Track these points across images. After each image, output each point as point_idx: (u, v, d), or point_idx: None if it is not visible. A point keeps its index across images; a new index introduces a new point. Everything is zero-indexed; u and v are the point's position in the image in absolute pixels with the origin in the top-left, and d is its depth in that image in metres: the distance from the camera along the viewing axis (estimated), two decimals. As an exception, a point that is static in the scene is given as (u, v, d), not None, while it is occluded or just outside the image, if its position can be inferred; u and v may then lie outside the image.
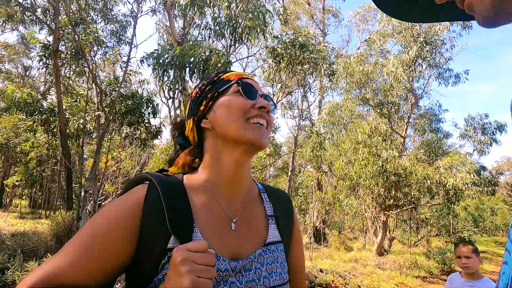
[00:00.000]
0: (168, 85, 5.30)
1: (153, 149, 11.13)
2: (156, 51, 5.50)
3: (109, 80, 8.83)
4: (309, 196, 15.58)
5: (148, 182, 0.70)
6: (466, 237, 18.43)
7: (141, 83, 11.38)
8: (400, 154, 11.90)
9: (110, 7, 8.68)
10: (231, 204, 0.74)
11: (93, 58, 8.23)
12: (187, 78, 5.48)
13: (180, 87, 5.42)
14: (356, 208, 14.14)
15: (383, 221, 11.84)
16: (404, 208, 12.29)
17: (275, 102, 0.89)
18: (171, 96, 5.37)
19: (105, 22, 8.94)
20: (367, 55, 12.96)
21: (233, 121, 0.70)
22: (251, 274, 0.68)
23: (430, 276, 10.59)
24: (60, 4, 6.99)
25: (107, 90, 8.10)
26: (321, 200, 14.39)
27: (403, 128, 13.26)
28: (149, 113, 8.38)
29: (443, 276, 11.12)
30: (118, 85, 7.79)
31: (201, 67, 4.67)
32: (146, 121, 8.45)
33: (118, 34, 9.31)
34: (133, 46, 8.39)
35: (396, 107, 12.88)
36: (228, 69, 0.83)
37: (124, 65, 8.35)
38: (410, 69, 11.51)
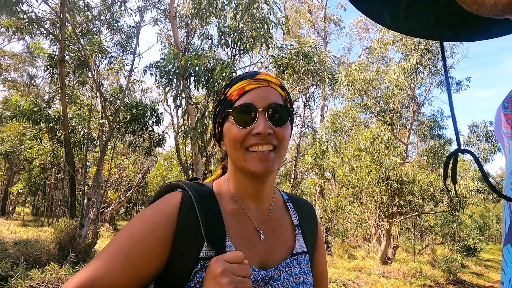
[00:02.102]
0: (172, 94, 5.37)
1: (156, 157, 11.18)
2: (162, 61, 5.58)
3: (113, 89, 8.93)
4: (311, 204, 15.50)
5: (180, 190, 0.71)
6: (471, 245, 18.20)
7: (144, 92, 11.51)
8: (403, 161, 11.86)
9: (117, 18, 8.86)
10: (258, 214, 0.75)
11: (97, 68, 8.36)
12: (192, 87, 5.55)
13: (185, 96, 5.49)
14: (359, 215, 14.03)
15: (386, 229, 11.74)
16: (407, 216, 12.19)
17: (290, 107, 0.72)
18: (177, 104, 5.44)
19: (111, 33, 9.12)
20: (368, 62, 13.05)
21: (235, 152, 0.69)
22: (280, 284, 0.69)
23: (436, 285, 10.44)
24: (66, 15, 7.14)
25: (111, 98, 8.21)
26: (324, 208, 14.31)
27: (406, 135, 13.25)
28: (153, 122, 8.47)
29: (448, 285, 10.95)
30: (122, 94, 7.89)
31: (206, 77, 4.74)
32: (150, 129, 8.54)
33: (123, 44, 9.49)
34: (136, 55, 8.53)
35: (398, 114, 12.90)
36: (235, 76, 0.79)
37: (128, 74, 8.47)
38: (412, 77, 11.56)
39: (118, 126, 8.32)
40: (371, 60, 13.31)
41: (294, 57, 5.99)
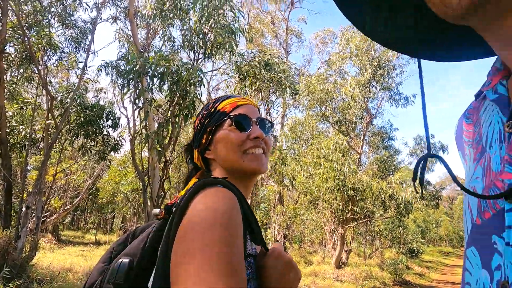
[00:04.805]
0: (131, 95, 5.10)
1: (110, 162, 10.49)
2: (121, 60, 5.29)
3: (64, 86, 8.24)
4: (270, 210, 15.66)
5: (220, 186, 0.65)
6: (415, 248, 19.74)
7: (98, 92, 10.79)
8: (357, 169, 12.55)
9: (70, 11, 8.22)
10: None
11: (46, 63, 7.66)
12: (154, 89, 5.33)
13: (148, 98, 5.24)
14: (316, 221, 14.49)
15: (341, 234, 12.26)
16: (360, 221, 12.87)
17: (271, 121, 0.92)
18: (138, 106, 5.18)
19: (63, 27, 8.43)
20: (327, 75, 13.71)
21: (232, 155, 0.76)
22: None
23: (384, 287, 11.10)
24: (8, 4, 6.45)
25: (61, 97, 7.56)
26: (283, 214, 14.53)
27: (359, 145, 14.07)
28: (108, 125, 7.94)
29: (395, 286, 11.72)
30: (72, 93, 7.30)
31: (172, 79, 4.59)
32: (105, 132, 7.99)
33: (77, 40, 8.82)
34: (91, 52, 7.98)
35: (353, 125, 13.68)
36: (221, 96, 0.87)
37: (80, 72, 7.87)
38: (366, 90, 12.36)
39: (68, 128, 7.67)
40: (330, 73, 14.00)
41: (257, 64, 6.09)
